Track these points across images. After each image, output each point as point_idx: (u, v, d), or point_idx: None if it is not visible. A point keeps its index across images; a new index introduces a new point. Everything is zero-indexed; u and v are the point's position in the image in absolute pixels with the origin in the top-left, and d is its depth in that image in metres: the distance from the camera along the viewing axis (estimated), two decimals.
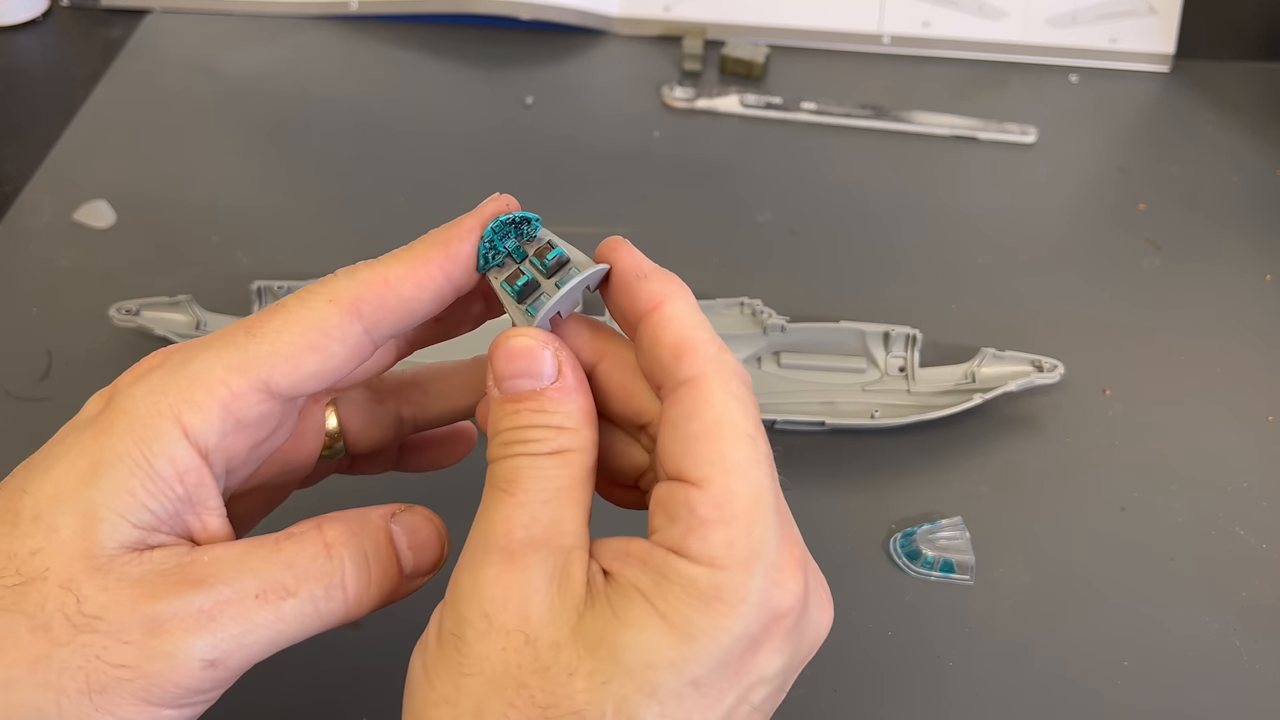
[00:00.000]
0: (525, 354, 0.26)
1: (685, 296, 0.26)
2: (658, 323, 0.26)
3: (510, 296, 0.27)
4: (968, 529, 0.42)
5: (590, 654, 0.23)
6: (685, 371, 0.25)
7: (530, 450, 0.25)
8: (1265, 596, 0.42)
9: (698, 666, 0.23)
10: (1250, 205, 0.59)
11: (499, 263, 0.27)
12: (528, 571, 0.24)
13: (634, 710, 0.22)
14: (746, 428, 0.25)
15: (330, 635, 0.38)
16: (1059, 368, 0.46)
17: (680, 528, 0.24)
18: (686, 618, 0.23)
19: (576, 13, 0.67)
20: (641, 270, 0.27)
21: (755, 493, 0.24)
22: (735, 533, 0.23)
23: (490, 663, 0.23)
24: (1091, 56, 0.68)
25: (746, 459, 0.24)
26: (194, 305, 0.46)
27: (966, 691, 0.38)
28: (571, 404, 0.26)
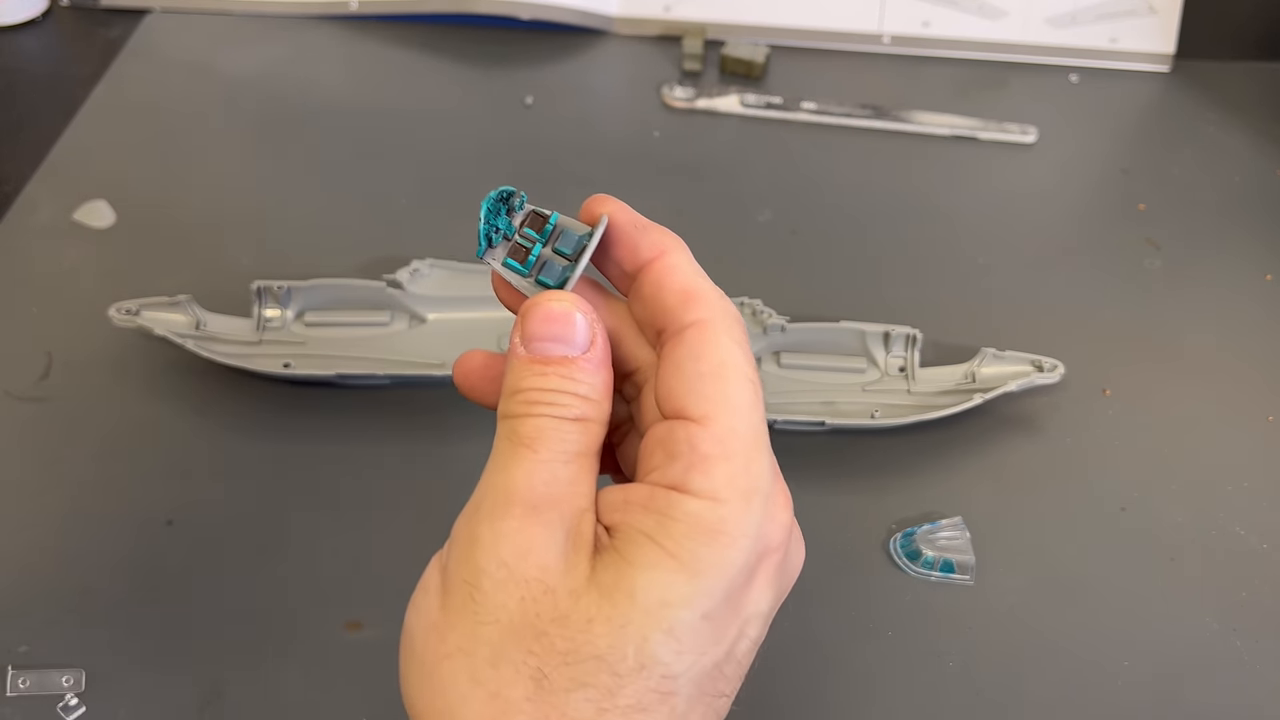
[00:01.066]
0: (563, 319, 0.26)
1: (684, 247, 0.27)
2: (662, 270, 0.27)
3: (517, 273, 0.27)
4: (968, 529, 0.42)
5: (607, 600, 0.23)
6: (691, 315, 0.26)
7: (555, 413, 0.25)
8: (1265, 596, 0.42)
9: (708, 600, 0.24)
10: (1250, 205, 0.59)
11: (498, 242, 0.27)
12: (549, 525, 0.24)
13: (653, 649, 0.23)
14: (747, 371, 0.26)
15: (330, 635, 0.39)
16: (1059, 368, 0.46)
17: (682, 464, 0.24)
18: (693, 553, 0.24)
19: (576, 12, 0.67)
20: (639, 223, 0.27)
21: (754, 431, 0.25)
22: (736, 468, 0.24)
23: (508, 610, 0.23)
24: (1092, 56, 0.68)
25: (747, 400, 0.25)
26: (194, 305, 0.46)
27: (966, 691, 0.38)
28: (598, 377, 0.26)
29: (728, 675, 0.25)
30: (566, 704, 0.23)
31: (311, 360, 0.46)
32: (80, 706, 0.36)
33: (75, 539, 0.41)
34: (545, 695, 0.23)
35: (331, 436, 0.45)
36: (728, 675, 0.25)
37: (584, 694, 0.23)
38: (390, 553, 0.41)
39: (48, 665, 0.37)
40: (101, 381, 0.46)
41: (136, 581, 0.40)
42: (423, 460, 0.44)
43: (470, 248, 0.53)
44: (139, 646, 0.38)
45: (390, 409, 0.46)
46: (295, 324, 0.48)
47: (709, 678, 0.24)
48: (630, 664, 0.23)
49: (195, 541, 0.41)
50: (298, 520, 0.42)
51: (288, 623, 0.39)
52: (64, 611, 0.39)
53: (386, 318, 0.48)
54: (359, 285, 0.47)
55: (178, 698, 0.37)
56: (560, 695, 0.23)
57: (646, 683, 0.23)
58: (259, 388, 0.46)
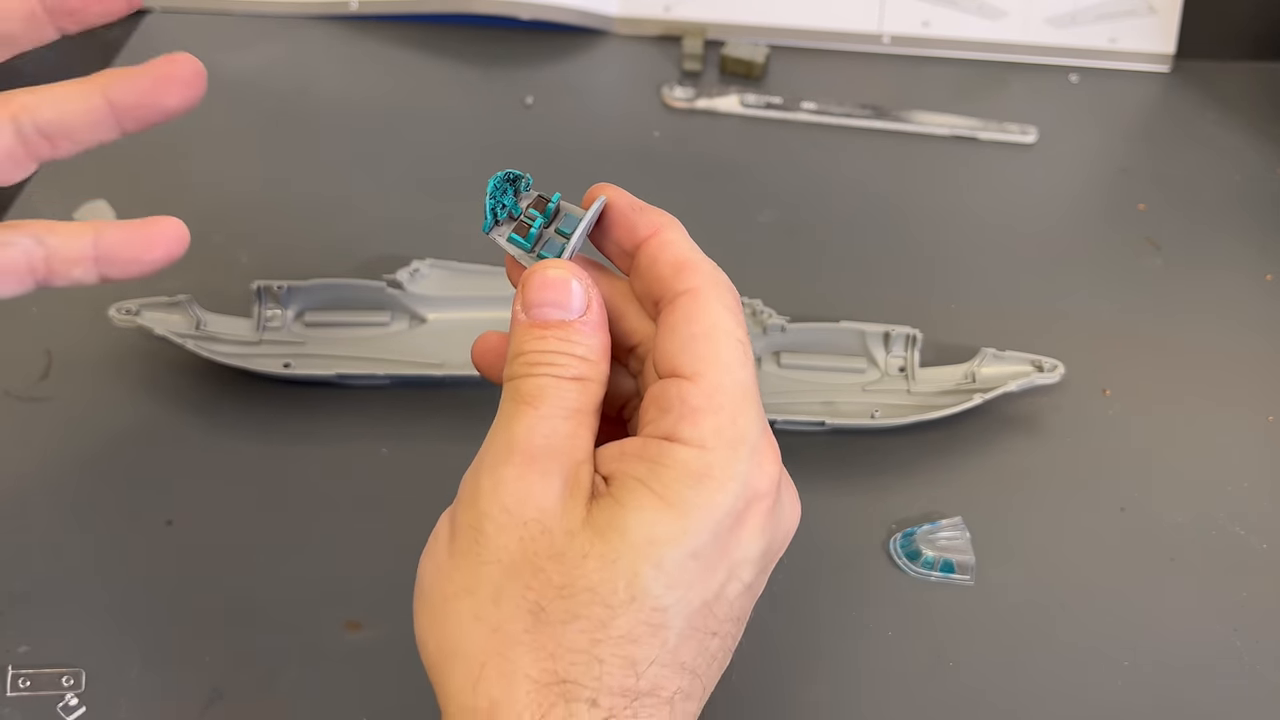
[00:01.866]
0: (559, 285, 0.28)
1: (679, 225, 0.29)
2: (658, 245, 0.29)
3: (520, 248, 0.29)
4: (968, 529, 0.42)
5: (600, 538, 0.25)
6: (685, 283, 0.28)
7: (555, 373, 0.27)
8: (1265, 596, 0.42)
9: (695, 538, 0.25)
10: (1251, 205, 0.59)
11: (503, 218, 0.29)
12: (547, 473, 0.26)
13: (644, 583, 0.25)
14: (737, 333, 0.27)
15: (330, 635, 0.39)
16: (1059, 368, 0.46)
17: (673, 416, 0.26)
18: (681, 495, 0.25)
19: (576, 13, 0.67)
20: (636, 204, 0.30)
21: (743, 388, 0.27)
22: (723, 419, 0.26)
23: (509, 551, 0.25)
24: (1091, 56, 0.68)
25: (736, 359, 0.27)
26: (194, 305, 0.46)
27: (966, 691, 0.39)
28: (595, 339, 0.28)
29: (718, 615, 0.26)
30: (563, 635, 0.25)
31: (311, 360, 0.46)
32: (80, 706, 0.36)
33: (75, 539, 0.41)
34: (543, 627, 0.25)
35: (331, 436, 0.45)
36: (718, 615, 0.26)
37: (579, 625, 0.25)
38: (390, 553, 0.41)
39: (48, 665, 0.37)
40: (101, 381, 0.46)
41: (136, 581, 0.40)
42: (423, 460, 0.44)
43: (470, 245, 0.53)
44: (139, 646, 0.38)
45: (390, 409, 0.46)
46: (295, 324, 0.48)
47: (699, 614, 0.26)
48: (622, 596, 0.25)
49: (195, 541, 0.41)
50: (298, 520, 0.42)
51: (288, 623, 0.39)
52: (64, 611, 0.39)
53: (386, 318, 0.48)
54: (359, 285, 0.47)
55: (178, 697, 0.37)
56: (557, 626, 0.25)
57: (638, 614, 0.25)
58: (259, 388, 0.46)
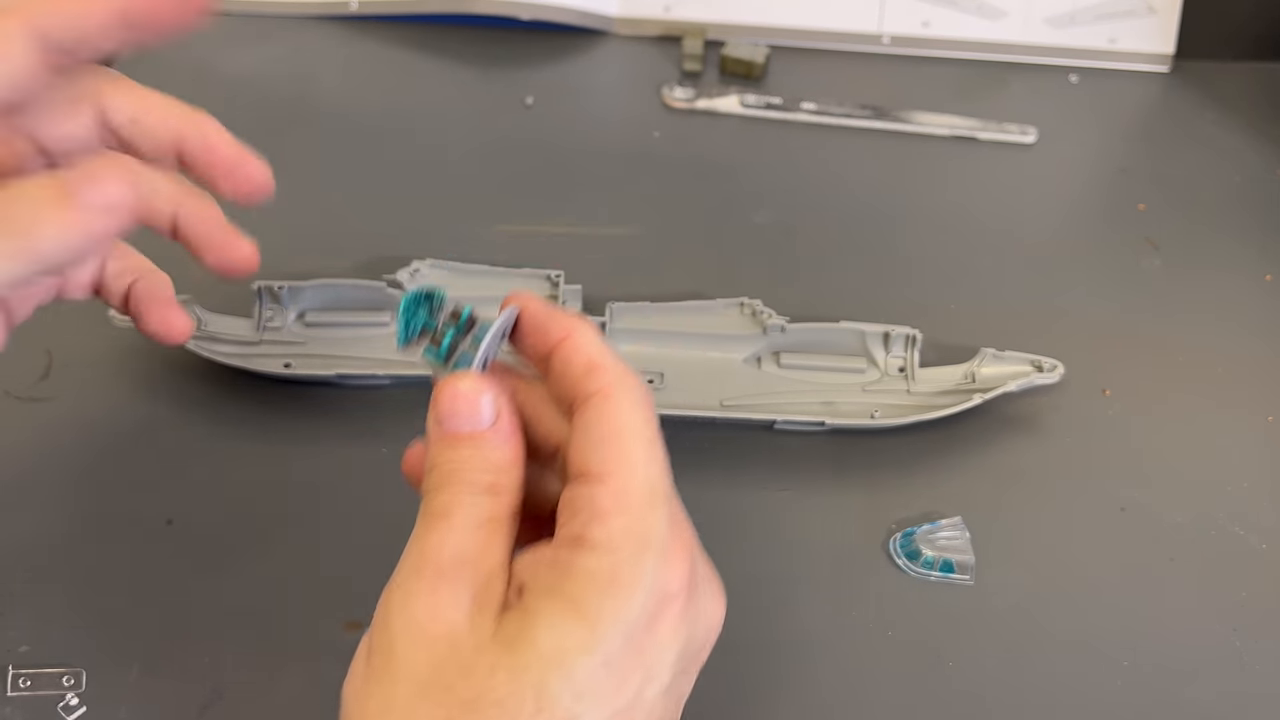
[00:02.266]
0: (468, 397, 0.28)
1: (591, 327, 0.29)
2: (570, 348, 0.28)
3: (436, 361, 0.29)
4: (968, 529, 0.43)
5: (509, 650, 0.25)
6: (594, 385, 0.28)
7: (465, 484, 0.28)
8: (1265, 596, 0.42)
9: (606, 646, 0.25)
10: (1250, 205, 0.59)
11: (417, 334, 0.30)
12: (456, 589, 0.26)
13: (552, 693, 0.24)
14: (646, 433, 0.27)
15: (330, 635, 0.39)
16: (1059, 368, 0.46)
17: (582, 519, 0.26)
18: (590, 602, 0.25)
19: (576, 13, 0.67)
20: (547, 310, 0.30)
21: (650, 486, 0.27)
22: (630, 520, 0.26)
23: (420, 669, 0.25)
24: (1091, 57, 0.68)
25: (643, 457, 0.27)
26: (194, 306, 0.46)
27: (966, 691, 0.39)
28: (506, 447, 0.28)
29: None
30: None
31: (312, 360, 0.46)
32: (81, 706, 0.36)
33: (76, 538, 0.41)
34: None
35: (332, 436, 0.45)
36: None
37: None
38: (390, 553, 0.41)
39: (48, 665, 0.37)
40: (102, 381, 0.46)
41: (137, 581, 0.40)
42: None
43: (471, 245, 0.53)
44: (140, 646, 0.38)
45: (391, 409, 0.46)
46: (295, 324, 0.48)
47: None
48: (530, 708, 0.24)
49: (195, 541, 0.41)
50: (298, 520, 0.42)
51: (288, 622, 0.39)
52: (65, 611, 0.39)
53: (387, 318, 0.48)
54: (359, 285, 0.47)
55: (178, 697, 0.37)
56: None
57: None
58: (259, 388, 0.46)
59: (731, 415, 0.45)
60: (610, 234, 0.55)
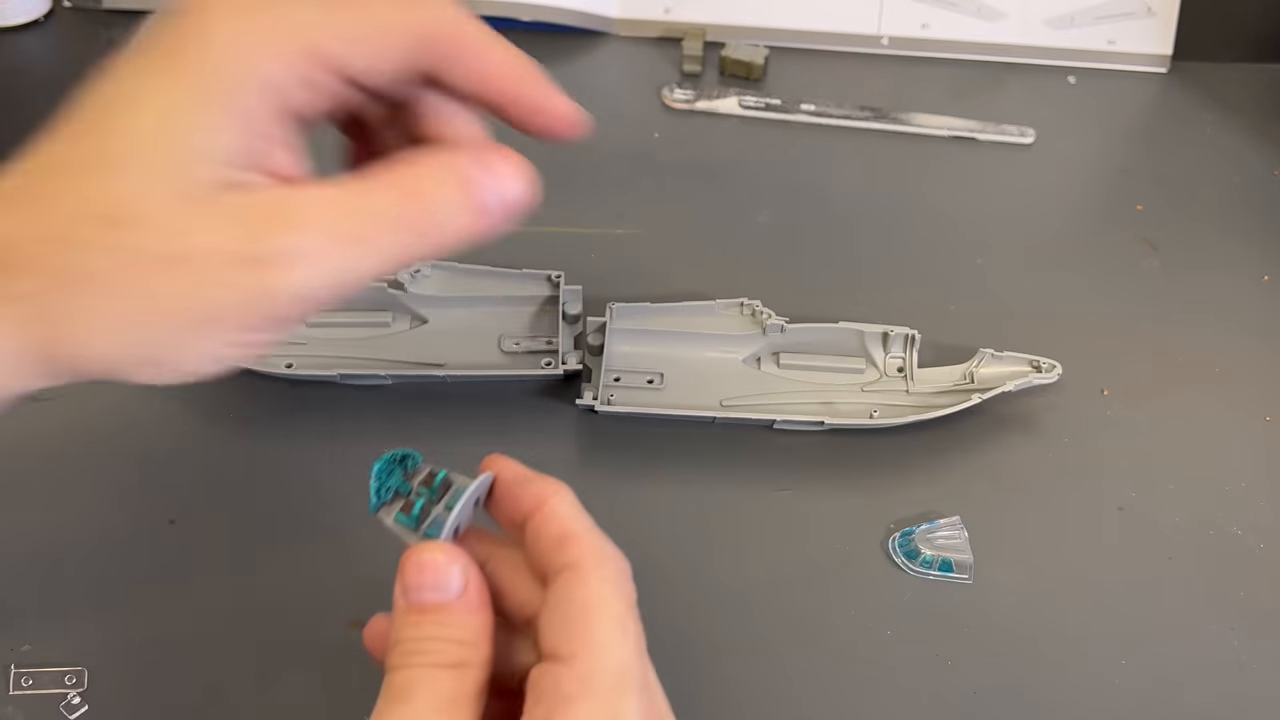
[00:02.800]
0: (435, 567, 0.27)
1: (566, 494, 0.28)
2: (542, 518, 0.27)
3: (407, 527, 0.28)
4: (966, 528, 0.43)
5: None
6: (565, 558, 0.26)
7: (429, 661, 0.26)
8: (1263, 596, 0.42)
9: None
10: (1248, 206, 0.59)
11: (389, 499, 0.29)
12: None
13: None
14: (616, 609, 0.26)
15: (331, 634, 0.39)
16: (1057, 368, 0.46)
17: (546, 706, 0.25)
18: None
19: (577, 14, 0.67)
20: (522, 476, 0.28)
21: (619, 669, 0.25)
22: (597, 706, 0.24)
23: None
24: (1089, 58, 0.68)
25: (612, 637, 0.25)
26: None
27: (965, 691, 0.39)
28: (474, 619, 0.27)
29: None
30: None
31: (313, 360, 0.46)
32: (83, 705, 0.37)
33: (78, 538, 0.41)
34: None
35: (332, 436, 0.45)
36: None
37: None
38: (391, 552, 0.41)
39: (50, 664, 0.37)
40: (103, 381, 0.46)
41: (139, 580, 0.40)
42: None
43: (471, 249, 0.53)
44: (141, 645, 0.38)
45: (391, 409, 0.46)
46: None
47: None
48: None
49: (197, 540, 0.42)
50: (299, 519, 0.43)
51: (289, 622, 0.39)
52: (67, 610, 0.39)
53: (388, 318, 0.48)
54: None
55: (179, 696, 0.37)
56: None
57: None
58: (261, 387, 0.46)
59: (731, 415, 0.45)
60: (610, 234, 0.55)
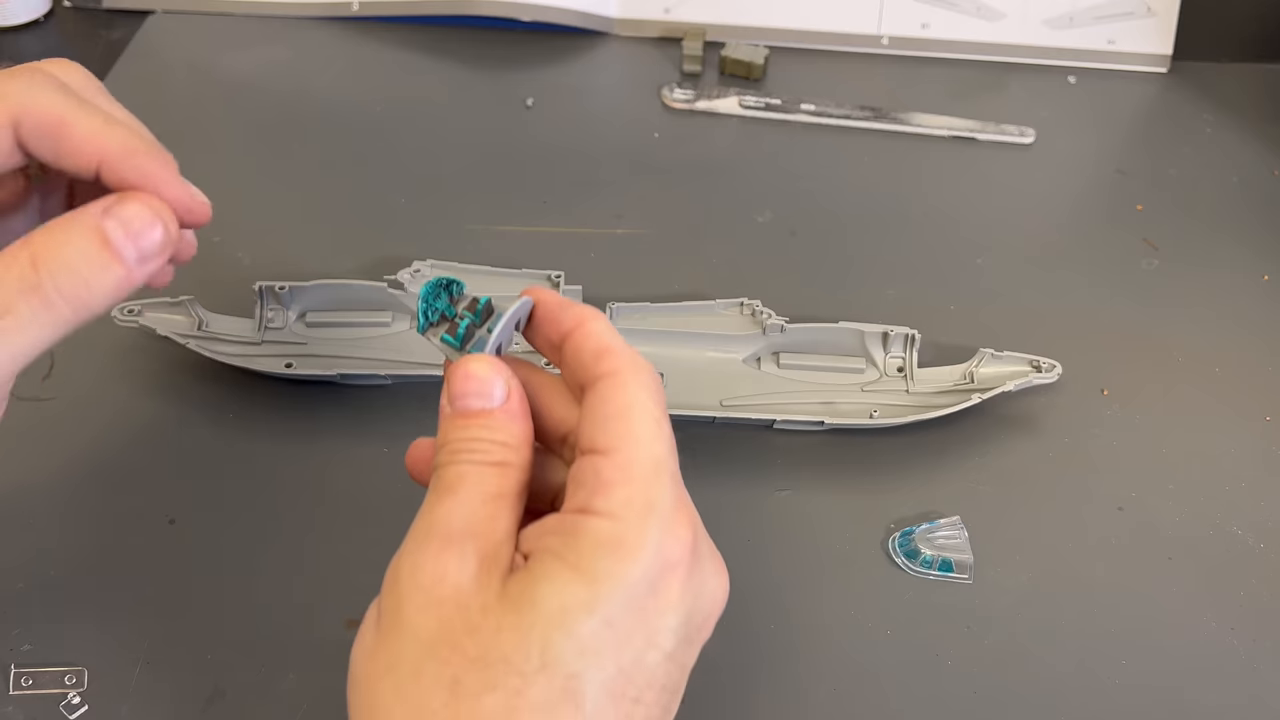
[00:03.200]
0: (479, 377, 0.29)
1: (601, 316, 0.30)
2: (582, 335, 0.30)
3: (451, 346, 0.30)
4: (966, 528, 0.43)
5: (514, 609, 0.26)
6: (604, 368, 0.29)
7: (475, 459, 0.28)
8: (1263, 596, 0.42)
9: (607, 606, 0.26)
10: (1248, 206, 0.59)
11: (435, 320, 0.31)
12: (463, 554, 0.27)
13: (556, 650, 0.25)
14: (653, 411, 0.28)
15: (331, 634, 0.39)
16: (1057, 368, 0.46)
17: (587, 490, 0.27)
18: (593, 565, 0.26)
19: (577, 14, 0.67)
20: (563, 302, 0.31)
21: (655, 461, 0.27)
22: (635, 491, 0.27)
23: (427, 630, 0.26)
24: (1089, 58, 0.68)
25: (649, 433, 0.28)
26: (196, 306, 0.46)
27: (965, 690, 0.39)
28: (515, 425, 0.29)
29: (638, 683, 0.27)
30: (478, 705, 0.25)
31: (313, 360, 0.46)
32: (83, 705, 0.37)
33: (78, 538, 0.41)
34: (459, 700, 0.25)
35: (333, 436, 0.45)
36: (638, 683, 0.27)
37: (494, 696, 0.25)
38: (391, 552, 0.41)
39: (50, 664, 0.37)
40: (104, 381, 0.47)
41: (139, 580, 0.40)
42: None
43: (471, 246, 0.53)
44: (141, 645, 0.38)
45: (391, 409, 0.46)
46: (297, 324, 0.48)
47: (615, 681, 0.26)
48: (535, 664, 0.25)
49: (197, 540, 0.42)
50: (299, 519, 0.43)
51: (289, 621, 0.39)
52: (67, 610, 0.39)
53: (388, 318, 0.48)
54: (360, 286, 0.47)
55: (180, 696, 0.37)
56: (472, 700, 0.25)
57: (551, 681, 0.25)
58: (261, 387, 0.46)
59: (731, 415, 0.45)
60: (610, 234, 0.55)
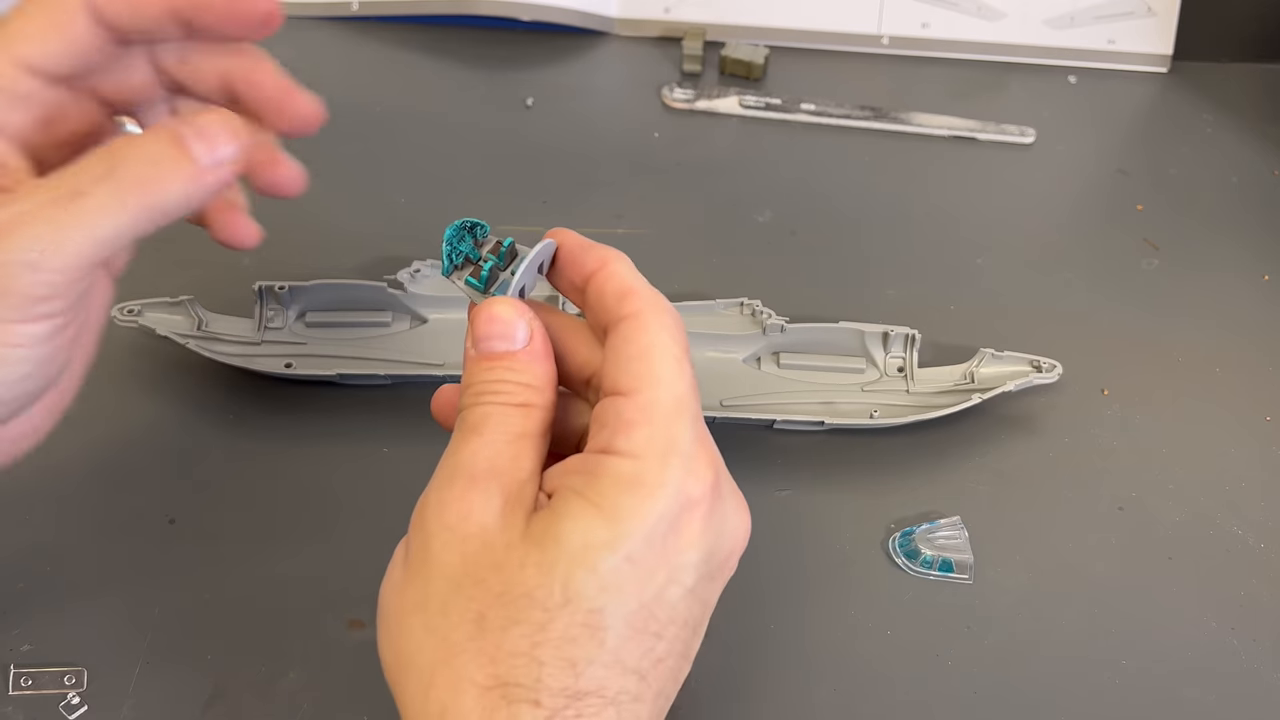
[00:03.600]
0: (502, 319, 0.29)
1: (624, 258, 0.30)
2: (604, 277, 0.30)
3: (475, 289, 0.30)
4: (966, 528, 0.43)
5: (537, 546, 0.26)
6: (626, 309, 0.29)
7: (499, 400, 0.29)
8: (1263, 596, 0.42)
9: (629, 543, 0.26)
10: (1248, 206, 0.59)
11: (459, 263, 0.31)
12: (488, 493, 0.27)
13: (578, 586, 0.26)
14: (674, 351, 0.28)
15: (332, 634, 0.39)
16: (1057, 368, 0.46)
17: (609, 430, 0.28)
18: (614, 502, 0.26)
19: (577, 14, 0.67)
20: (585, 244, 0.31)
21: (676, 400, 0.28)
22: (656, 430, 0.27)
23: (453, 566, 0.27)
24: (1090, 58, 0.68)
25: (671, 374, 0.28)
26: (196, 306, 0.46)
27: (965, 691, 0.39)
28: (539, 366, 0.29)
29: (659, 617, 0.27)
30: (503, 639, 0.26)
31: (313, 360, 0.46)
32: (82, 705, 0.37)
33: (78, 538, 0.41)
34: (485, 633, 0.26)
35: (332, 436, 0.45)
36: (659, 617, 0.27)
37: (518, 629, 0.26)
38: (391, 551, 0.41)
39: (50, 664, 0.37)
40: (104, 381, 0.46)
41: (139, 580, 0.40)
42: (423, 460, 0.44)
43: None
44: (141, 645, 0.38)
45: (391, 409, 0.46)
46: (296, 324, 0.48)
47: (637, 616, 0.27)
48: (557, 599, 0.26)
49: (197, 540, 0.42)
50: (299, 519, 0.43)
51: (289, 622, 0.39)
52: (66, 610, 0.39)
53: (388, 318, 0.48)
54: (360, 286, 0.47)
55: (179, 696, 0.37)
56: (498, 632, 0.26)
57: (573, 616, 0.26)
58: (260, 387, 0.46)
59: (731, 415, 0.45)
60: (610, 234, 0.55)
